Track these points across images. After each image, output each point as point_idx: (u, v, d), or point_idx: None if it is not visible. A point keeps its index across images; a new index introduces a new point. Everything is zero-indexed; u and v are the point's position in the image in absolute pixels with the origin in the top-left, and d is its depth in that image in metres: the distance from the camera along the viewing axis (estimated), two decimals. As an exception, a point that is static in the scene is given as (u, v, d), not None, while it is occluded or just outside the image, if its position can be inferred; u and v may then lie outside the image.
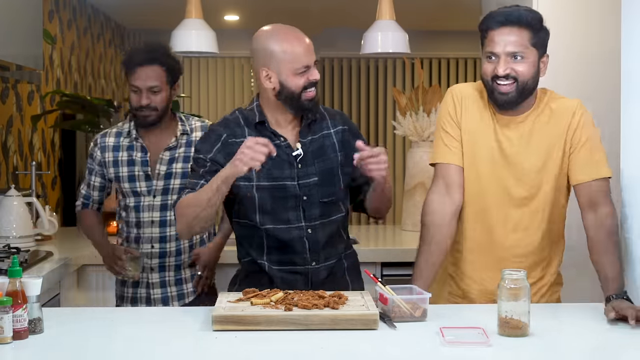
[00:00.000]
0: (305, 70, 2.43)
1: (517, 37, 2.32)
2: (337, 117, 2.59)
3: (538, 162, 2.40)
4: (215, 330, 2.03)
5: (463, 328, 2.03)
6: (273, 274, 2.49)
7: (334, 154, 2.52)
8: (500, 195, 2.43)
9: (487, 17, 2.39)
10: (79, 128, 4.22)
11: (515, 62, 2.33)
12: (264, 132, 2.47)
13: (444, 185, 2.47)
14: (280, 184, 2.45)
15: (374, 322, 2.05)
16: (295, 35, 2.45)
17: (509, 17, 2.33)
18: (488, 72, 2.36)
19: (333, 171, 2.50)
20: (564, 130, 2.39)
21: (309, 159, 2.48)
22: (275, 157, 2.38)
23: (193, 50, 4.16)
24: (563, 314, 2.30)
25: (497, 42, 2.33)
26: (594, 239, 2.32)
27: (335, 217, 2.52)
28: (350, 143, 2.52)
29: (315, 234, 2.48)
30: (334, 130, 2.55)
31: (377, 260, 3.53)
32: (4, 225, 3.44)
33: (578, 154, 2.38)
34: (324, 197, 2.49)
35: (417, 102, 4.11)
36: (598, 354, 1.98)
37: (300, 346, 1.94)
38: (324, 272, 2.50)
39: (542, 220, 2.43)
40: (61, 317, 2.21)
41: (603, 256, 2.28)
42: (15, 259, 1.99)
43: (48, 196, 4.90)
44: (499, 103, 2.37)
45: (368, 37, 4.17)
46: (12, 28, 3.24)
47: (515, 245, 2.44)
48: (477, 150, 2.44)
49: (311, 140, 2.50)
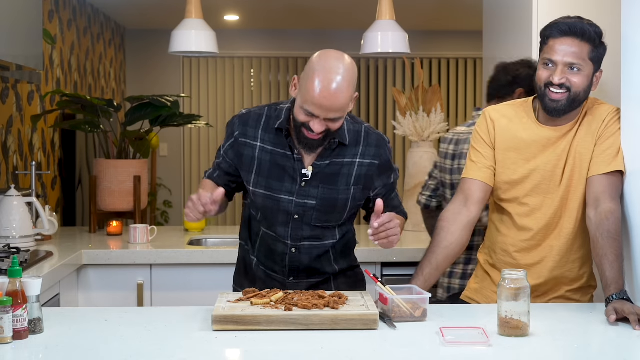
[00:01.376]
0: (310, 115, 2.28)
1: (577, 49, 2.37)
2: (372, 148, 2.44)
3: (573, 165, 2.42)
4: (215, 330, 2.03)
5: (463, 328, 2.03)
6: (257, 274, 2.53)
7: (346, 186, 2.42)
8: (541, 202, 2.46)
9: (551, 25, 2.44)
10: (79, 128, 4.21)
11: (572, 73, 2.37)
12: (280, 138, 2.40)
13: (464, 197, 2.50)
14: (275, 196, 2.42)
15: (374, 322, 2.05)
16: (330, 79, 2.23)
17: (572, 28, 2.38)
18: (543, 78, 2.40)
19: (337, 202, 2.43)
20: (596, 131, 2.42)
21: (316, 181, 2.41)
22: (280, 168, 2.38)
23: (193, 50, 4.16)
24: (563, 314, 2.30)
25: (556, 51, 2.38)
26: (595, 238, 2.32)
27: (326, 242, 2.49)
28: (372, 178, 2.45)
29: (299, 254, 2.47)
30: (359, 160, 2.43)
31: (377, 260, 3.53)
32: (4, 225, 3.43)
33: (597, 150, 2.40)
34: (317, 222, 2.44)
35: (417, 102, 4.11)
36: (598, 354, 1.98)
37: (300, 346, 1.94)
38: (304, 288, 2.48)
39: (577, 220, 2.44)
40: (61, 317, 2.21)
41: (603, 257, 2.27)
42: (15, 259, 1.99)
43: (48, 196, 4.90)
44: (548, 109, 2.40)
45: (368, 37, 4.16)
46: (12, 28, 3.24)
47: (549, 247, 2.47)
48: (520, 164, 2.46)
49: (329, 163, 2.40)
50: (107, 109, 4.20)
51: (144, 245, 3.67)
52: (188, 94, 7.67)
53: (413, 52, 4.34)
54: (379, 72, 7.96)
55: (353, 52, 5.48)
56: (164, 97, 4.25)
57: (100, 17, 6.44)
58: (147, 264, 3.51)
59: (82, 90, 5.80)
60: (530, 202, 2.46)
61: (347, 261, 2.58)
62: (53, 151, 5.09)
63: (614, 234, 2.30)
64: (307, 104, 2.25)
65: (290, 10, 6.49)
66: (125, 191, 4.11)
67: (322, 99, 2.23)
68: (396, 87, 7.78)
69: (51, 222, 3.67)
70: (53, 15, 5.08)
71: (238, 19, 7.02)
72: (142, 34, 7.49)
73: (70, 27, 5.50)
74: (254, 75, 7.83)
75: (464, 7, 6.21)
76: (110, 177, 4.09)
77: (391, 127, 7.74)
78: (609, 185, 2.37)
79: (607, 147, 2.40)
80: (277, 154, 2.41)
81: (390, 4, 4.17)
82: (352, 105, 2.33)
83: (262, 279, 2.52)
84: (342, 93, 2.24)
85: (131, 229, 3.72)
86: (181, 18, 4.20)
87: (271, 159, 2.42)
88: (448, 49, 7.92)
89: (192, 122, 4.36)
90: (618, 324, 2.11)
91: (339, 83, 2.23)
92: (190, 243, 3.82)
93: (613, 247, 2.28)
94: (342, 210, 2.45)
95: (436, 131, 4.07)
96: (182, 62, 7.67)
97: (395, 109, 7.76)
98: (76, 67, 5.64)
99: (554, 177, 2.44)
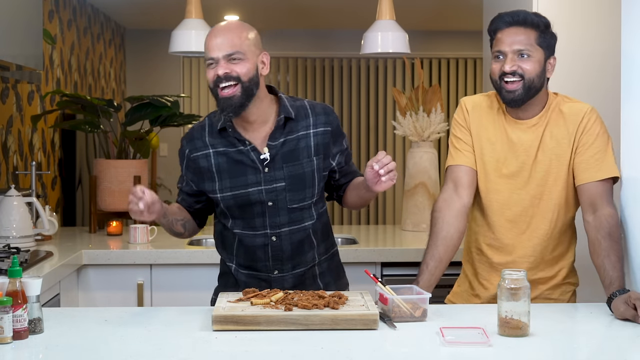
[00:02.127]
0: (213, 64, 2.33)
1: (524, 36, 2.41)
2: (322, 117, 2.46)
3: (548, 166, 2.44)
4: (215, 330, 2.03)
5: (463, 328, 2.03)
6: (239, 278, 2.52)
7: (308, 158, 2.42)
8: (508, 198, 2.46)
9: (495, 19, 2.48)
10: (79, 128, 4.21)
11: (522, 60, 2.40)
12: (227, 137, 2.42)
13: (453, 185, 2.52)
14: (242, 192, 2.41)
15: (374, 322, 2.05)
16: (217, 28, 2.37)
17: (515, 17, 2.43)
18: (496, 70, 2.43)
19: (305, 176, 2.42)
20: (573, 133, 2.43)
21: (278, 162, 2.40)
22: (239, 163, 2.39)
23: (193, 50, 4.15)
24: (563, 314, 2.30)
25: (504, 42, 2.42)
26: (594, 241, 2.33)
27: (305, 224, 2.47)
28: (329, 145, 2.46)
29: (280, 242, 2.45)
30: (313, 130, 2.44)
31: (377, 260, 3.53)
32: (4, 225, 3.44)
33: (583, 155, 2.41)
34: (292, 202, 2.43)
35: (417, 102, 4.11)
36: (598, 354, 1.98)
37: (300, 346, 1.94)
38: (290, 281, 2.48)
39: (551, 222, 2.46)
40: (61, 317, 2.21)
41: (604, 259, 2.28)
42: (15, 259, 1.99)
43: (48, 196, 4.90)
44: (507, 100, 2.42)
45: (368, 37, 4.16)
46: (12, 28, 3.24)
47: (522, 247, 2.47)
48: (488, 154, 2.49)
49: (284, 142, 2.41)
50: (107, 109, 4.20)
51: (144, 245, 3.67)
52: (188, 94, 7.66)
53: (413, 52, 4.33)
54: (379, 72, 7.96)
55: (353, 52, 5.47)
56: (164, 97, 4.26)
57: (100, 17, 6.44)
58: (147, 264, 3.51)
59: (82, 90, 5.80)
60: (499, 197, 2.48)
61: (327, 243, 2.57)
62: (53, 151, 5.09)
63: (614, 236, 2.32)
64: (206, 53, 2.33)
65: (290, 10, 6.49)
66: (125, 191, 4.10)
67: (213, 38, 2.33)
68: (396, 87, 7.78)
69: (51, 222, 3.67)
70: (53, 15, 5.08)
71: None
72: (142, 34, 7.49)
73: (70, 27, 5.50)
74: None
75: (464, 7, 6.21)
76: (110, 177, 4.09)
77: (391, 127, 7.74)
78: (604, 191, 2.39)
79: (594, 152, 2.41)
80: (231, 152, 2.43)
81: (390, 4, 4.17)
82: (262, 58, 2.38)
83: (244, 282, 2.50)
84: (232, 30, 2.34)
85: (131, 229, 3.72)
86: (181, 18, 4.20)
87: (227, 160, 2.43)
88: (448, 49, 7.92)
89: (192, 122, 4.36)
90: (618, 324, 2.11)
91: (228, 23, 2.38)
92: (190, 243, 3.82)
93: (614, 249, 2.30)
94: (311, 185, 2.44)
95: (436, 131, 4.06)
96: (182, 62, 7.67)
97: (395, 109, 7.76)
98: (76, 67, 5.64)
99: (521, 172, 2.45)
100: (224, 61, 2.31)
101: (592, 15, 3.36)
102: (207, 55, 2.33)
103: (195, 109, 7.71)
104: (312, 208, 2.48)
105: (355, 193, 2.52)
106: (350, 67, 7.96)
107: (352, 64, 7.95)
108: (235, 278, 2.53)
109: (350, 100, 7.96)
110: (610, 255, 2.28)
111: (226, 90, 2.32)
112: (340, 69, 7.96)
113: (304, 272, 2.50)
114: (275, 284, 2.46)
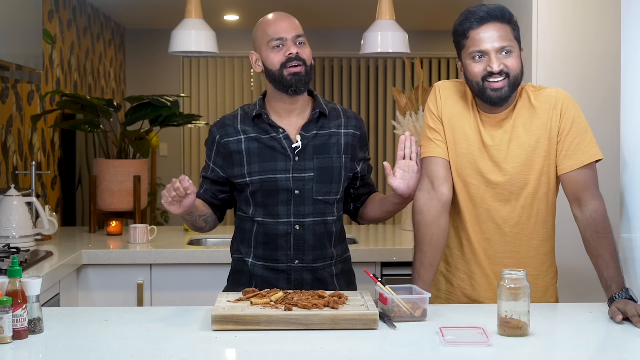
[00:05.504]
0: (281, 45, 2.45)
1: (503, 32, 2.30)
2: (353, 120, 2.56)
3: (523, 158, 2.34)
4: (215, 330, 2.03)
5: (463, 328, 2.03)
6: (255, 273, 2.50)
7: (338, 154, 2.49)
8: (484, 193, 2.38)
9: (464, 19, 2.37)
10: (79, 128, 4.21)
11: (506, 57, 2.29)
12: (261, 125, 2.48)
13: (429, 181, 2.42)
14: (271, 177, 2.45)
15: (374, 322, 2.05)
16: (275, 14, 2.51)
17: (491, 13, 2.31)
18: (479, 72, 2.31)
19: (333, 170, 2.48)
20: (547, 122, 2.34)
21: (309, 153, 2.46)
22: (270, 149, 2.42)
23: (193, 50, 4.16)
24: (563, 314, 2.30)
25: (483, 40, 2.30)
26: (584, 239, 2.30)
27: (328, 219, 2.50)
28: (357, 149, 2.54)
29: (303, 231, 2.47)
30: (345, 130, 2.52)
31: (377, 260, 3.53)
32: (4, 225, 3.44)
33: (563, 144, 2.33)
34: (318, 194, 2.47)
35: (417, 102, 4.11)
36: (598, 354, 1.98)
37: (300, 346, 1.94)
38: (308, 275, 2.48)
39: (530, 216, 2.39)
40: (61, 317, 2.21)
41: (597, 257, 2.25)
42: (15, 259, 1.99)
43: (48, 196, 4.90)
44: (494, 101, 2.31)
45: (368, 37, 4.16)
46: (12, 28, 3.24)
47: (504, 242, 2.40)
48: (460, 148, 2.39)
49: (316, 135, 2.48)
50: (107, 109, 4.20)
51: (144, 245, 3.67)
52: (188, 94, 7.67)
53: (413, 52, 4.34)
54: (379, 72, 7.96)
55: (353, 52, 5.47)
56: (164, 97, 4.26)
57: (100, 17, 6.44)
58: (147, 264, 3.51)
59: (82, 90, 5.80)
60: (474, 190, 2.39)
61: (343, 247, 2.60)
62: (53, 151, 5.09)
63: (602, 233, 2.27)
64: (272, 34, 2.45)
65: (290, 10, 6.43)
66: (125, 191, 4.11)
67: (279, 22, 2.48)
68: (396, 87, 7.78)
69: (51, 222, 3.67)
70: (53, 15, 5.08)
71: (238, 19, 7.02)
72: (142, 34, 7.49)
73: (70, 27, 5.50)
74: (253, 75, 7.83)
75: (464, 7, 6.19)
76: (110, 177, 4.09)
77: (391, 127, 7.74)
78: (587, 180, 2.31)
79: (574, 137, 2.31)
80: (263, 139, 2.48)
81: (390, 4, 4.17)
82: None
83: (260, 277, 2.50)
84: (293, 18, 2.51)
85: (131, 229, 3.72)
86: (181, 18, 4.20)
87: (259, 145, 2.48)
88: (448, 49, 7.85)
89: (192, 122, 4.36)
90: (619, 323, 2.11)
91: (284, 13, 2.54)
92: (190, 243, 3.82)
93: (605, 247, 2.25)
94: (338, 181, 2.49)
95: (436, 131, 4.06)
96: (182, 62, 7.67)
97: (395, 109, 7.76)
98: (76, 67, 5.64)
99: (497, 167, 2.35)
100: (291, 43, 2.45)
101: (592, 15, 3.36)
102: (275, 36, 2.44)
103: (195, 109, 7.72)
104: (335, 205, 2.52)
105: (378, 207, 2.61)
106: (350, 67, 7.96)
107: (352, 64, 7.95)
108: (251, 274, 2.52)
109: (350, 100, 7.96)
110: (602, 255, 2.24)
111: (297, 68, 2.43)
112: (340, 69, 7.96)
113: (323, 267, 2.51)
114: (295, 275, 2.47)
